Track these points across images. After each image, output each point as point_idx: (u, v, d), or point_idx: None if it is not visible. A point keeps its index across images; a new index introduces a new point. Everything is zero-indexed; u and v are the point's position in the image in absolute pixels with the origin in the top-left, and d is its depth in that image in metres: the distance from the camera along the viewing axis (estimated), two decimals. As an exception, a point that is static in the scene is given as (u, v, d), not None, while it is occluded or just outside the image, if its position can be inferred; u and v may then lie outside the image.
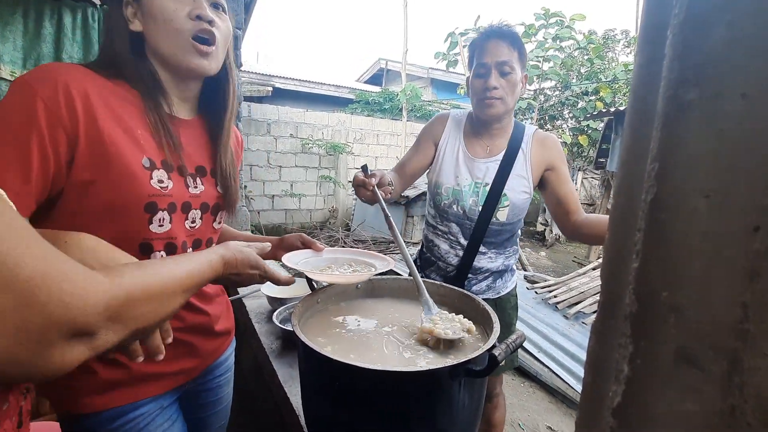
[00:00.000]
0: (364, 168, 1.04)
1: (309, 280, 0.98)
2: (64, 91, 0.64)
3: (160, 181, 0.74)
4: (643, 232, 0.27)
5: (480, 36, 1.29)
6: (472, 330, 0.75)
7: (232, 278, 0.70)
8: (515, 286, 1.50)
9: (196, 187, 0.81)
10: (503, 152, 1.33)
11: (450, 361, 0.67)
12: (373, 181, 1.01)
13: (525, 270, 4.73)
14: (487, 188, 1.31)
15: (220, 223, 0.90)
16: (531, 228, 8.38)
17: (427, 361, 0.69)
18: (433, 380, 0.58)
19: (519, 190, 1.32)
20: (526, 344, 2.87)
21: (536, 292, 3.58)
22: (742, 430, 0.22)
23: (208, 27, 0.75)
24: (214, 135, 0.87)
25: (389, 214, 0.94)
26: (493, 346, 0.62)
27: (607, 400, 0.31)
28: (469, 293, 0.88)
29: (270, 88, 8.08)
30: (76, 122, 0.65)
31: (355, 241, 5.97)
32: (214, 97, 0.87)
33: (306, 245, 1.02)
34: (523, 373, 2.73)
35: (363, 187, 1.02)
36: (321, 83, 9.94)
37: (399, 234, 0.93)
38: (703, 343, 0.25)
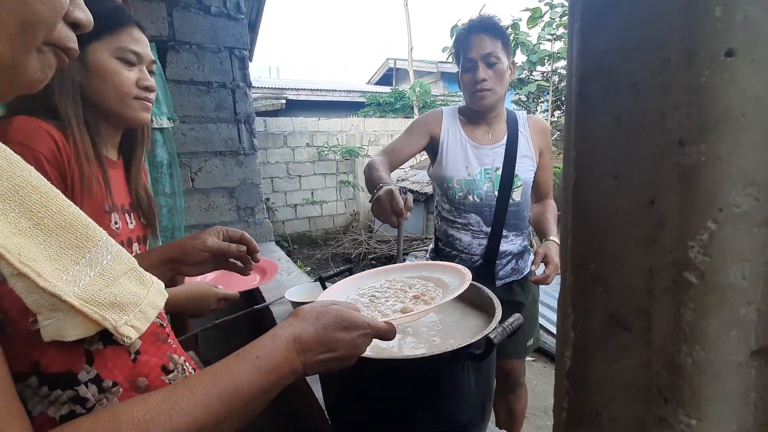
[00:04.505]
0: (403, 191, 0.95)
1: (322, 282, 1.03)
2: (56, 146, 0.72)
3: (116, 223, 0.83)
4: (570, 213, 0.31)
5: (462, 31, 1.33)
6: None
7: (326, 361, 0.48)
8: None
9: (132, 223, 0.91)
10: (505, 137, 1.39)
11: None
12: (408, 215, 0.95)
13: (552, 256, 4.63)
14: (499, 172, 1.37)
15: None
16: (558, 213, 8.19)
17: (429, 349, 0.72)
18: (436, 365, 0.62)
19: (527, 169, 1.40)
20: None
21: (564, 277, 3.52)
22: (654, 378, 0.26)
23: (149, 95, 0.87)
24: (129, 172, 0.95)
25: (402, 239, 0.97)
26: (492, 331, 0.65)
27: (563, 365, 0.34)
28: (475, 283, 0.90)
29: (283, 101, 8.27)
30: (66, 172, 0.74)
31: (378, 242, 6.03)
32: (133, 138, 0.96)
33: (233, 239, 0.80)
34: (555, 359, 2.71)
35: (396, 215, 0.95)
36: (332, 90, 10.08)
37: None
38: (626, 306, 0.28)
